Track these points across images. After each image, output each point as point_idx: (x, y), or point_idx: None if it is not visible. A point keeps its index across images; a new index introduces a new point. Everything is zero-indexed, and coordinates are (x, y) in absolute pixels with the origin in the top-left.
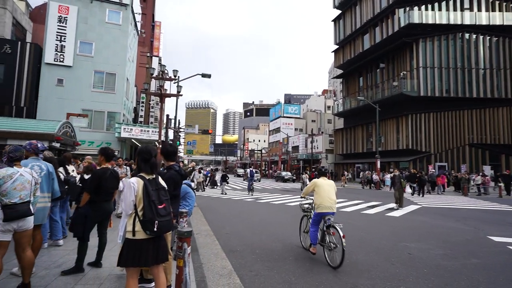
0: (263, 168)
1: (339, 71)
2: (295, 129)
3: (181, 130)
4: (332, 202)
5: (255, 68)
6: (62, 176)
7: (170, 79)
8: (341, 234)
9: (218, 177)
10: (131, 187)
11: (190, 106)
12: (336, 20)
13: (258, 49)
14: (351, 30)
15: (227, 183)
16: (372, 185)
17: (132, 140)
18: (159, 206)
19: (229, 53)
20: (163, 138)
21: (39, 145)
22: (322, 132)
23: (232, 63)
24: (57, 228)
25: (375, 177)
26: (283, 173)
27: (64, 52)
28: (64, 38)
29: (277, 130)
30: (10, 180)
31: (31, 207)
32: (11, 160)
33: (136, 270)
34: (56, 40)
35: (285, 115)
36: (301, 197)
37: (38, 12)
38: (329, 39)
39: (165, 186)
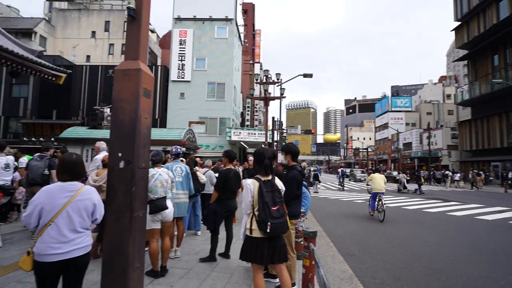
0: (370, 167)
1: (463, 52)
2: (406, 124)
3: (284, 131)
4: (381, 187)
5: (355, 62)
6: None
7: (273, 83)
8: (383, 203)
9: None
10: (248, 188)
11: (289, 107)
12: None
13: (356, 42)
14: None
15: (319, 182)
16: None
17: (241, 142)
18: (273, 208)
19: (325, 49)
20: (269, 140)
21: (179, 150)
22: (442, 126)
23: (329, 59)
24: (198, 221)
25: None
26: (394, 174)
27: (184, 70)
28: (184, 58)
29: (385, 126)
30: (152, 180)
31: (168, 202)
32: (154, 162)
33: (259, 265)
34: (178, 60)
35: (393, 109)
36: (367, 184)
37: (164, 40)
38: (445, 16)
39: (281, 187)
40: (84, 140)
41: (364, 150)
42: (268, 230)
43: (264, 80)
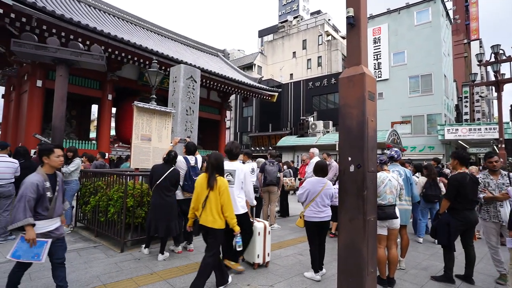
0: None
1: None
2: None
3: None
4: None
5: None
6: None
7: (508, 59)
8: None
9: None
10: None
11: None
12: None
13: None
14: None
15: None
16: None
17: (459, 141)
18: None
19: None
20: (506, 135)
21: (393, 153)
22: None
23: None
24: (421, 227)
25: None
26: None
27: (380, 68)
28: (380, 56)
29: None
30: (382, 185)
31: (396, 210)
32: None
33: None
34: (373, 59)
35: None
36: None
37: None
38: None
39: None
40: (294, 147)
41: None
42: None
43: (493, 59)
